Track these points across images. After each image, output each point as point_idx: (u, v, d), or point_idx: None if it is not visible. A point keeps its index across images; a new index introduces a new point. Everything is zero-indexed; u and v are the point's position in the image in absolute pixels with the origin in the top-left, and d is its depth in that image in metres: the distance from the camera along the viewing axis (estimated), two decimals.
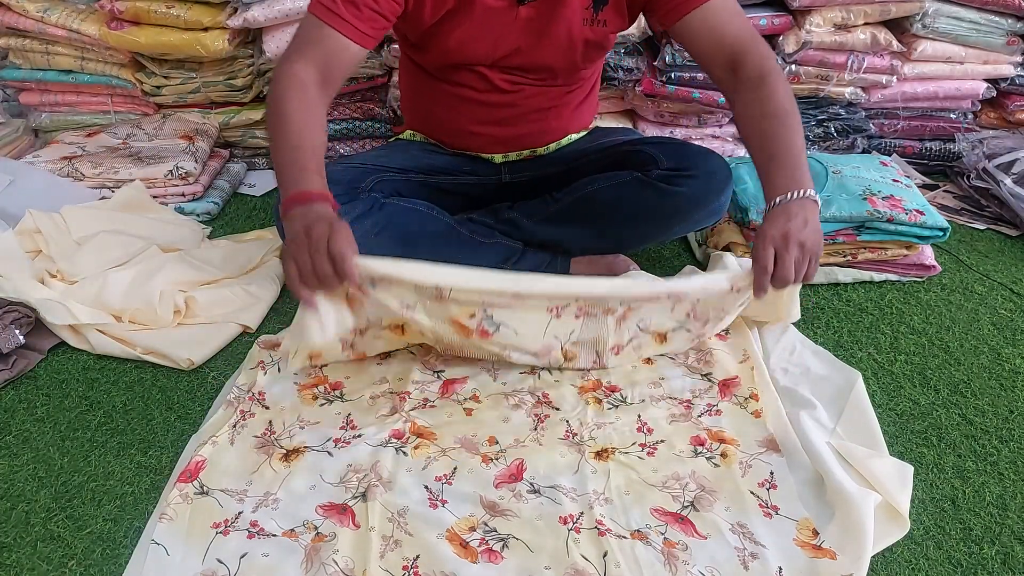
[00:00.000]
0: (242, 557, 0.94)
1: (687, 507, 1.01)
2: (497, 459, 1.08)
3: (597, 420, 1.15)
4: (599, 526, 0.97)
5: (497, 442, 1.11)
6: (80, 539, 0.98)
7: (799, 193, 1.07)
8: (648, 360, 1.27)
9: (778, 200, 1.08)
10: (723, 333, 1.31)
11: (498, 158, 1.41)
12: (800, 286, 1.22)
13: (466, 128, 1.35)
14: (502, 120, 1.33)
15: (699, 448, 1.10)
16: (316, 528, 0.97)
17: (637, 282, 1.19)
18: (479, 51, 1.24)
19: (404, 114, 1.50)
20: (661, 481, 1.05)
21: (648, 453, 1.09)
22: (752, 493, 1.02)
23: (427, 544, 0.95)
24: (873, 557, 0.94)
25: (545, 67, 1.28)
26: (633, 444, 1.11)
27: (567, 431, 1.13)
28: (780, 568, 0.92)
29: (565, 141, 1.42)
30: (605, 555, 0.93)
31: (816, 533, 0.97)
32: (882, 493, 0.99)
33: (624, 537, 0.96)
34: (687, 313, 1.18)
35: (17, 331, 1.25)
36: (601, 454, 1.09)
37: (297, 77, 1.11)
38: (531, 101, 1.32)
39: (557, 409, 1.17)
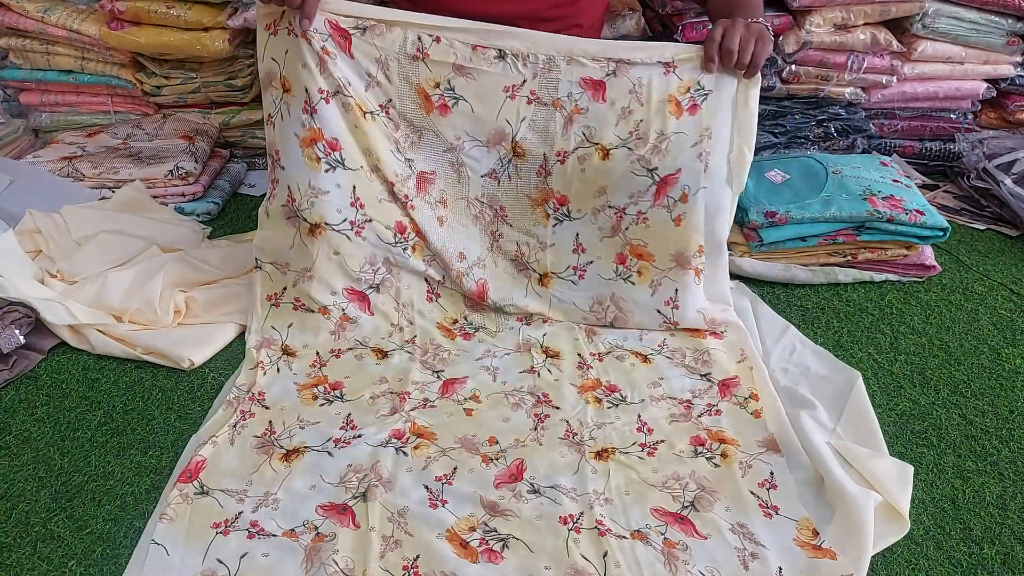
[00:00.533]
0: (242, 557, 0.94)
1: (687, 507, 1.01)
2: (497, 459, 1.08)
3: (597, 420, 1.15)
4: (599, 526, 0.97)
5: (497, 442, 1.11)
6: (80, 539, 0.98)
7: (754, 19, 1.22)
8: (646, 360, 1.27)
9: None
10: (721, 333, 1.32)
11: None
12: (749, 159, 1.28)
13: None
14: None
15: (699, 448, 1.10)
16: (316, 528, 0.97)
17: (588, 39, 1.27)
18: None
19: None
20: (661, 481, 1.05)
21: (648, 453, 1.09)
22: (752, 493, 1.02)
23: (427, 544, 0.95)
24: (873, 557, 0.94)
25: (541, 18, 1.30)
26: (633, 444, 1.11)
27: (567, 431, 1.13)
28: (780, 568, 0.92)
29: None
30: (605, 555, 0.94)
31: (816, 533, 0.97)
32: (882, 493, 0.99)
33: (624, 537, 0.96)
34: (630, 132, 1.25)
35: (17, 331, 1.25)
36: (601, 454, 1.09)
37: None
38: None
39: (557, 409, 1.17)
